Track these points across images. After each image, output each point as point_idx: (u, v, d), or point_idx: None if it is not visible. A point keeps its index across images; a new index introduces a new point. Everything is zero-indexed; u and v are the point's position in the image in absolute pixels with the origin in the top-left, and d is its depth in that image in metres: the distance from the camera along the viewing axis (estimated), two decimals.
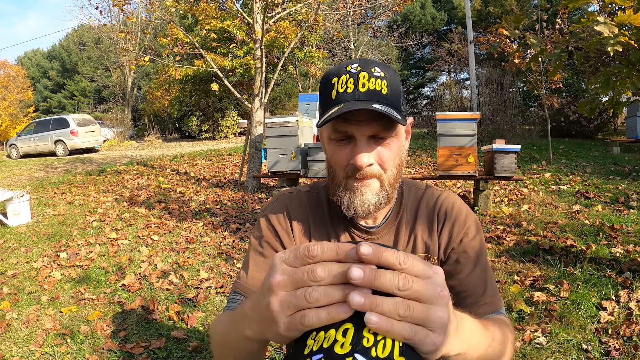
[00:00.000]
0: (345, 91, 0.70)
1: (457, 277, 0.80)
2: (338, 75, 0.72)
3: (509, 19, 2.56)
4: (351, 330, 0.37)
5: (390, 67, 0.75)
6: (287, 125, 5.04)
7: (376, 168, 0.74)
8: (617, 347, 1.95)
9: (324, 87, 0.74)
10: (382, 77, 0.70)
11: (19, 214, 4.62)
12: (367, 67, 0.71)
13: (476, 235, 0.84)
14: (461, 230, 0.83)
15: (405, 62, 23.77)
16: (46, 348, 2.21)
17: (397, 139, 0.75)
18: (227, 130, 15.83)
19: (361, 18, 12.80)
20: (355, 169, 0.73)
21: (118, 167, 8.94)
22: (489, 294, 0.79)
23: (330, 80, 0.72)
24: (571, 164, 6.63)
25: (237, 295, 0.81)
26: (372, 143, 0.73)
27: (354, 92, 0.69)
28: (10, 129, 21.02)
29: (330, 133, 0.75)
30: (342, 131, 0.72)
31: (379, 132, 0.71)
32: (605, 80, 2.45)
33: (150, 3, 6.04)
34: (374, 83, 0.70)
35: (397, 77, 0.74)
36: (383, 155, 0.73)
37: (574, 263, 2.84)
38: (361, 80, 0.70)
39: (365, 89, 0.69)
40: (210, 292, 2.79)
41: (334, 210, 0.84)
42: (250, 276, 0.82)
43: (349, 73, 0.71)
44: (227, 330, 0.62)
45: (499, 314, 0.78)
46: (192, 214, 4.70)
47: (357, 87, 0.69)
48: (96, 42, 26.81)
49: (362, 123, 0.70)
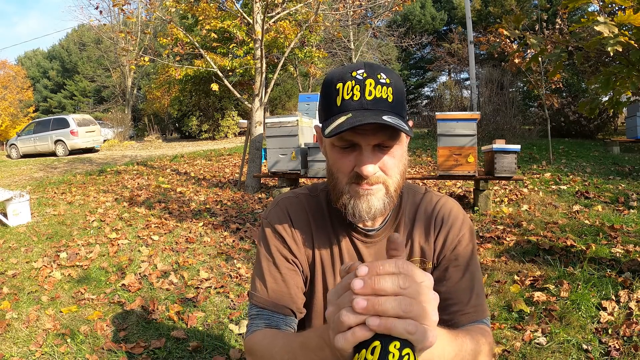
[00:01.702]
0: (352, 98, 0.69)
1: (445, 283, 0.81)
2: (343, 81, 0.70)
3: (509, 19, 2.56)
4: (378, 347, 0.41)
5: (394, 72, 0.74)
6: (287, 125, 5.04)
7: (380, 175, 0.74)
8: (617, 347, 1.95)
9: (327, 91, 0.73)
10: (387, 84, 0.70)
11: (19, 214, 4.62)
12: (373, 73, 0.70)
13: (469, 243, 0.84)
14: (455, 237, 0.83)
15: (405, 62, 23.77)
16: (46, 348, 2.21)
17: (400, 147, 0.75)
18: (227, 130, 15.84)
19: (361, 18, 12.79)
20: (359, 177, 0.73)
21: (118, 167, 8.94)
22: (473, 303, 0.79)
23: (335, 85, 0.71)
24: (571, 164, 6.63)
25: (263, 310, 0.82)
26: (377, 151, 0.72)
27: (360, 100, 0.69)
28: (10, 129, 21.02)
29: (333, 140, 0.74)
30: (347, 140, 0.72)
31: (384, 141, 0.71)
32: (605, 80, 2.45)
33: (150, 3, 6.04)
34: (380, 90, 0.69)
35: (401, 83, 0.74)
36: (387, 163, 0.73)
37: (574, 263, 2.84)
38: (367, 87, 0.69)
39: (372, 97, 0.69)
40: (210, 292, 2.79)
41: (335, 214, 0.85)
42: (270, 289, 0.82)
43: (355, 79, 0.70)
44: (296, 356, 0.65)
45: (480, 324, 0.78)
46: (192, 214, 4.70)
47: (364, 94, 0.69)
48: (96, 42, 26.81)
49: (368, 132, 0.70)
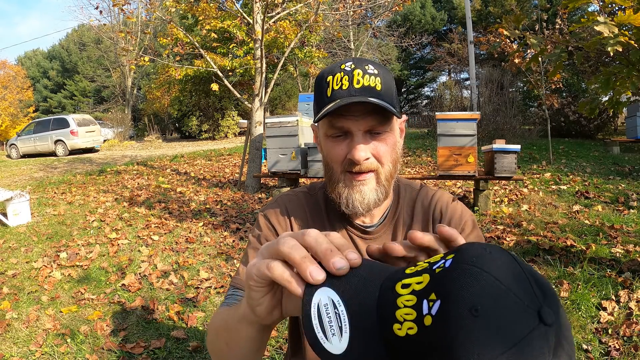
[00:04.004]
0: (341, 88, 0.71)
1: None
2: (332, 74, 0.73)
3: (509, 19, 2.56)
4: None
5: (383, 66, 0.76)
6: (287, 125, 5.04)
7: (373, 162, 0.74)
8: (617, 347, 1.95)
9: (318, 85, 0.75)
10: (375, 74, 0.72)
11: (19, 214, 4.62)
12: (361, 64, 0.72)
13: (473, 230, 0.84)
14: (457, 227, 0.83)
15: (405, 62, 23.75)
16: (46, 348, 2.21)
17: (392, 134, 0.76)
18: (227, 130, 15.83)
19: (361, 18, 12.79)
20: (352, 163, 0.74)
21: (118, 167, 8.94)
22: None
23: (325, 78, 0.73)
24: (571, 164, 6.63)
25: (237, 290, 0.80)
26: (369, 137, 0.74)
27: (349, 89, 0.70)
28: (10, 129, 21.00)
29: (326, 130, 0.76)
30: (339, 127, 0.73)
31: (374, 126, 0.73)
32: (605, 80, 2.45)
33: (150, 3, 6.04)
34: (368, 79, 0.71)
35: (390, 76, 0.75)
36: (379, 149, 0.74)
37: (574, 263, 2.84)
38: (355, 77, 0.71)
39: (360, 85, 0.70)
40: (210, 292, 2.79)
41: (332, 211, 0.85)
42: None
43: (344, 71, 0.72)
44: (226, 319, 0.60)
45: None
46: (192, 214, 4.70)
47: (352, 83, 0.71)
48: (96, 42, 26.81)
49: (357, 118, 0.72)
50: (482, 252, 0.35)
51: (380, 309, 0.37)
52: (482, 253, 0.35)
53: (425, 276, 0.36)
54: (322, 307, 0.38)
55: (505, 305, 0.31)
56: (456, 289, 0.32)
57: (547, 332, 0.31)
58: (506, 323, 0.30)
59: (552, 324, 0.31)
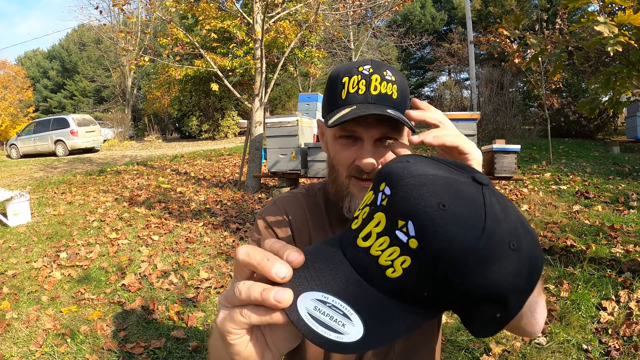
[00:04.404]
0: (357, 92, 0.69)
1: None
2: (349, 75, 0.71)
3: (509, 19, 2.56)
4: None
5: (400, 72, 0.75)
6: (287, 125, 5.04)
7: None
8: (617, 347, 1.95)
9: (332, 84, 0.74)
10: (393, 82, 0.70)
11: (19, 214, 4.62)
12: (379, 69, 0.71)
13: None
14: None
15: (405, 62, 23.76)
16: (46, 348, 2.21)
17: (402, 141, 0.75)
18: (227, 130, 15.83)
19: (361, 18, 12.78)
20: (359, 170, 0.73)
21: (118, 167, 8.94)
22: None
23: (341, 78, 0.72)
24: (571, 164, 6.63)
25: None
26: (379, 146, 0.72)
27: (365, 94, 0.69)
28: (10, 129, 20.99)
29: (335, 131, 0.74)
30: (350, 130, 0.72)
31: (385, 133, 0.72)
32: (605, 80, 2.45)
33: (150, 3, 6.04)
34: (385, 87, 0.69)
35: (406, 82, 0.74)
36: (388, 158, 0.73)
37: (574, 263, 2.84)
38: (373, 82, 0.69)
39: (377, 92, 0.69)
40: (210, 292, 2.79)
41: (332, 212, 0.84)
42: None
43: (361, 74, 0.70)
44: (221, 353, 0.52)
45: None
46: (192, 214, 4.70)
47: (369, 89, 0.69)
48: (96, 42, 26.80)
49: (370, 125, 0.70)
50: (405, 164, 0.39)
51: (362, 271, 0.37)
52: (406, 165, 0.39)
53: (379, 215, 0.37)
54: (313, 311, 0.35)
55: (456, 189, 0.36)
56: (414, 203, 0.35)
57: (491, 189, 0.37)
58: (466, 199, 0.35)
59: (488, 183, 0.37)
